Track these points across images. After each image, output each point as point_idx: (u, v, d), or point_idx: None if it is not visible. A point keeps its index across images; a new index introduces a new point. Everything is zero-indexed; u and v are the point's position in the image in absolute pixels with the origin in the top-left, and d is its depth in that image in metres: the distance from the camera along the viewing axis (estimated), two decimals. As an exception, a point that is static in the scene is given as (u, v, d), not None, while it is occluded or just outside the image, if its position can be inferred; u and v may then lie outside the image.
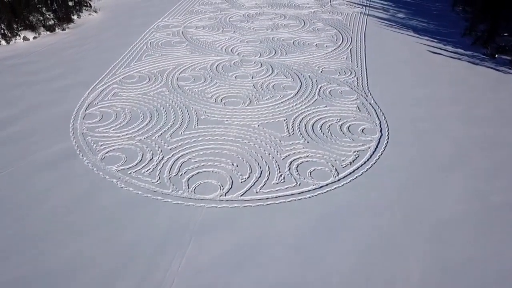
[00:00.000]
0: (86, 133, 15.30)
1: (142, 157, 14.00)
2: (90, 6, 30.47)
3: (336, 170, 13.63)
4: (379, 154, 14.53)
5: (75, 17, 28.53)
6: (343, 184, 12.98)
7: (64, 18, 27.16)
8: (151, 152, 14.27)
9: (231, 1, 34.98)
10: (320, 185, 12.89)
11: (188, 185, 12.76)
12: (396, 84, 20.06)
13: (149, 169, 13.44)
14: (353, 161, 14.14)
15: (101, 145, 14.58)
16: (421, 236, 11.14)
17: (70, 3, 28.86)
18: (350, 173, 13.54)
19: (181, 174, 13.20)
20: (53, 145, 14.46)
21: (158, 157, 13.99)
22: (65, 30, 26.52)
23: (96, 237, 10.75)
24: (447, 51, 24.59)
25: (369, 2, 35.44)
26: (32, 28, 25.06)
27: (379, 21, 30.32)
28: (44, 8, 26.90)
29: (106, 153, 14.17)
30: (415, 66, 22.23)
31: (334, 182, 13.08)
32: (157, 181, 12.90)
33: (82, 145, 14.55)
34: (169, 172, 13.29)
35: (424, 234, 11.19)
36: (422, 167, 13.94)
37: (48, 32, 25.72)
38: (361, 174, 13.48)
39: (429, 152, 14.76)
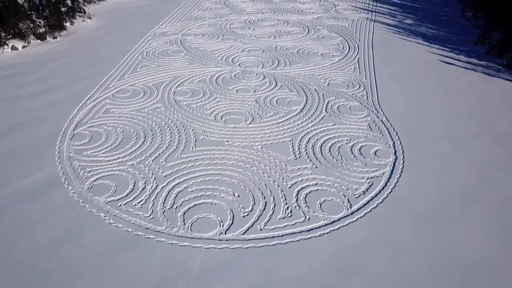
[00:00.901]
0: (73, 157, 13.97)
1: (133, 186, 12.67)
2: (84, 12, 29.12)
3: (348, 201, 12.30)
4: (394, 182, 13.21)
5: (67, 24, 27.12)
6: (357, 219, 11.65)
7: (56, 25, 25.74)
8: (143, 179, 12.93)
9: (231, 6, 33.64)
10: (331, 220, 11.55)
11: (184, 220, 11.42)
12: (408, 98, 18.71)
13: (141, 200, 12.12)
14: (366, 190, 12.81)
15: (89, 172, 13.24)
16: (447, 282, 9.82)
17: (63, 9, 27.49)
18: (364, 204, 12.20)
19: (177, 207, 11.86)
20: (36, 172, 13.10)
21: (152, 186, 12.65)
22: (56, 38, 25.13)
23: (79, 286, 9.41)
24: (460, 61, 23.24)
25: (375, 7, 34.10)
26: (22, 36, 23.68)
27: (386, 27, 28.98)
28: (35, 15, 25.56)
29: (94, 181, 12.83)
30: (427, 78, 20.87)
31: (347, 216, 11.74)
32: (150, 215, 11.57)
33: (68, 171, 13.21)
34: (163, 205, 11.95)
35: (451, 280, 9.87)
36: (443, 196, 12.62)
37: (38, 41, 24.34)
38: (376, 206, 12.15)
39: (449, 178, 13.44)
